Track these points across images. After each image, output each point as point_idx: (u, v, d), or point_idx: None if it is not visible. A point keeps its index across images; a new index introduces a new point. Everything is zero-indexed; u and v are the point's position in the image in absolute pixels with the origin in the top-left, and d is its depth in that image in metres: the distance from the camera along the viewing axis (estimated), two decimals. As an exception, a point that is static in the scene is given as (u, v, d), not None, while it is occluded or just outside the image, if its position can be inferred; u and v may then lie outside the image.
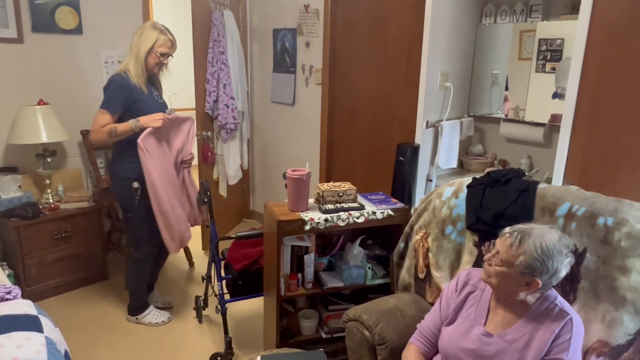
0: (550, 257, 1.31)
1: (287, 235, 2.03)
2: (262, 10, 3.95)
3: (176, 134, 2.57)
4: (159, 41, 2.39)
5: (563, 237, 1.37)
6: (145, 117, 2.34)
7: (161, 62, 2.45)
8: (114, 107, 2.35)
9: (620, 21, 1.89)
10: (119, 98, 2.35)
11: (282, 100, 3.95)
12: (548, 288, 1.39)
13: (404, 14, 2.98)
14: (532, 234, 1.34)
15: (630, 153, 1.92)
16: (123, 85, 2.36)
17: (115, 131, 2.34)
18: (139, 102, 2.39)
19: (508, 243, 1.36)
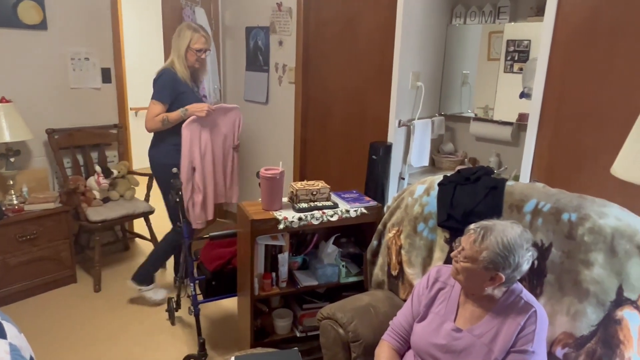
0: (512, 252, 1.35)
1: (261, 234, 2.02)
2: (234, 7, 3.91)
3: (223, 121, 2.80)
4: (194, 39, 2.66)
5: (524, 232, 1.41)
6: (192, 106, 2.62)
7: (199, 57, 2.70)
8: (164, 97, 2.63)
9: (583, 23, 1.96)
10: (168, 89, 2.63)
11: (255, 99, 3.92)
12: (512, 282, 1.43)
13: (375, 14, 3.00)
14: (494, 229, 1.38)
15: (593, 151, 2.00)
16: (171, 78, 2.64)
17: (167, 120, 2.62)
18: (182, 95, 2.66)
19: (472, 239, 1.40)
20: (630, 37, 1.85)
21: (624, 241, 1.43)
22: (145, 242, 3.70)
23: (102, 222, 3.08)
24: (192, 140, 2.64)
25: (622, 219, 1.47)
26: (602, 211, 1.50)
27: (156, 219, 3.54)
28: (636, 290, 1.41)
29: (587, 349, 1.46)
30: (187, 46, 2.66)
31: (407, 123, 2.78)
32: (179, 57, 2.67)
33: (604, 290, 1.45)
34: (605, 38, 1.91)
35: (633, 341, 1.40)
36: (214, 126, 2.74)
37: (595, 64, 1.95)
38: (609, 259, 1.45)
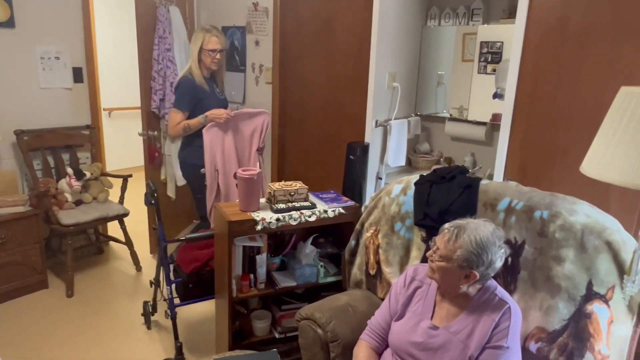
0: (485, 250, 1.38)
1: (239, 235, 2.01)
2: (209, 7, 3.87)
3: (247, 124, 2.82)
4: (206, 40, 2.67)
5: (497, 229, 1.45)
6: (211, 112, 2.66)
7: (214, 57, 2.69)
8: (184, 105, 2.70)
9: (553, 26, 2.01)
10: (186, 97, 2.68)
11: (232, 99, 3.87)
12: (487, 279, 1.46)
13: (352, 15, 3.02)
14: (467, 228, 1.41)
15: (563, 149, 2.05)
16: (188, 86, 2.68)
17: (189, 127, 2.71)
18: (202, 101, 2.69)
19: (446, 239, 1.42)
20: (597, 39, 1.91)
21: (593, 237, 1.48)
22: (119, 246, 3.62)
23: (74, 226, 3.00)
24: (213, 144, 2.68)
25: (591, 216, 1.52)
26: (572, 208, 1.55)
27: (131, 222, 3.47)
28: (605, 285, 1.45)
29: (559, 342, 1.50)
30: (199, 48, 2.66)
31: (384, 123, 2.81)
32: (194, 62, 2.68)
33: (574, 285, 1.49)
34: (573, 40, 1.97)
35: (602, 334, 1.45)
36: (237, 130, 2.76)
37: (564, 65, 2.01)
38: (579, 255, 1.49)
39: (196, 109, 2.71)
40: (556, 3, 1.99)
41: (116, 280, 3.28)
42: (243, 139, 2.79)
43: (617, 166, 1.05)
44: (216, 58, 2.69)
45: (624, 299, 1.44)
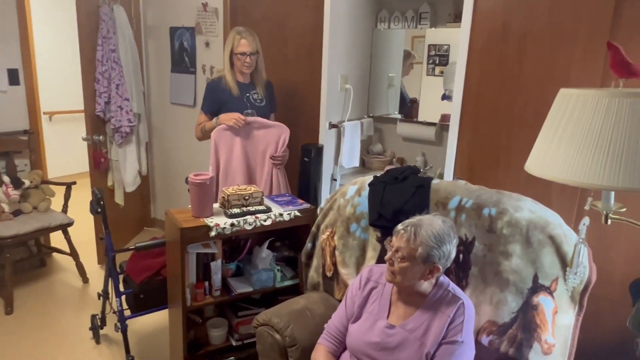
0: (444, 241, 1.43)
1: (192, 242, 1.95)
2: (156, 6, 3.75)
3: (262, 134, 2.59)
4: (235, 43, 2.54)
5: (445, 220, 1.50)
6: (223, 115, 2.53)
7: (244, 61, 2.54)
8: (204, 107, 2.64)
9: (496, 31, 2.10)
10: (207, 100, 2.63)
11: (182, 101, 3.78)
12: (444, 271, 1.50)
13: (303, 17, 3.02)
14: (423, 225, 1.44)
15: (507, 148, 2.14)
16: (211, 88, 2.62)
17: (204, 128, 2.61)
18: (225, 104, 2.58)
19: (405, 239, 1.44)
20: (536, 44, 2.01)
21: (537, 232, 1.55)
22: (64, 257, 3.43)
23: (12, 238, 2.81)
24: (218, 147, 2.54)
25: (535, 212, 1.59)
26: (518, 205, 1.61)
27: (76, 232, 3.29)
28: (549, 277, 1.53)
29: (509, 334, 1.56)
30: (230, 52, 2.55)
31: (338, 125, 2.82)
32: (225, 65, 2.59)
33: (521, 278, 1.55)
34: (515, 44, 2.06)
35: (548, 324, 1.52)
36: (250, 139, 2.57)
37: (507, 68, 2.10)
38: (525, 250, 1.56)
39: (220, 111, 2.58)
40: (498, 9, 2.08)
41: (61, 294, 3.11)
42: (255, 150, 2.59)
43: (557, 164, 1.10)
44: (246, 62, 2.54)
45: (567, 290, 1.51)
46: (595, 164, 1.04)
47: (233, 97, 2.57)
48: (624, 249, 1.93)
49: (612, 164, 1.02)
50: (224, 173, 2.55)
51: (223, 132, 2.52)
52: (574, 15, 1.91)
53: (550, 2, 1.95)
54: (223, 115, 2.53)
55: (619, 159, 1.01)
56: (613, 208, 1.13)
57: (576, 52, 1.92)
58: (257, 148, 2.58)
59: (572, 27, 1.92)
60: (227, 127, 2.50)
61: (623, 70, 1.10)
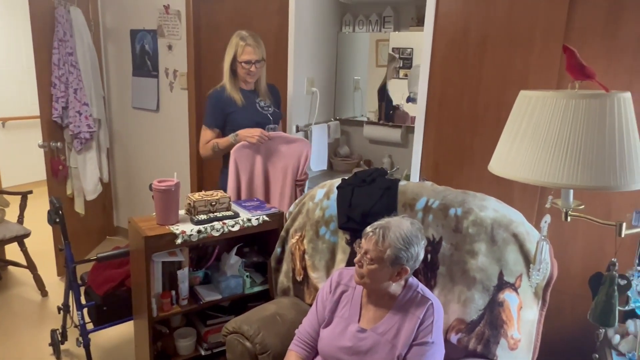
0: (411, 243, 1.44)
1: (157, 251, 1.89)
2: (115, 8, 3.64)
3: (284, 150, 2.39)
4: (239, 50, 2.30)
5: (414, 222, 1.51)
6: (243, 131, 2.29)
7: (249, 70, 2.32)
8: (211, 122, 2.37)
9: (457, 35, 2.15)
10: (213, 112, 2.36)
11: (144, 106, 3.68)
12: (412, 272, 1.51)
13: (267, 20, 3.00)
14: (391, 227, 1.46)
15: (470, 148, 2.19)
16: (215, 99, 2.36)
17: (217, 146, 2.34)
18: (232, 114, 2.34)
19: (373, 241, 1.45)
20: (495, 47, 2.07)
21: (501, 230, 1.59)
22: (21, 270, 3.27)
23: (-38, 252, 2.66)
24: (239, 167, 2.31)
25: (499, 211, 1.63)
26: (482, 204, 1.65)
27: (33, 243, 3.15)
28: (514, 274, 1.57)
29: (477, 332, 1.59)
30: (232, 58, 2.32)
31: (305, 128, 2.82)
32: (225, 72, 2.35)
33: (487, 276, 1.59)
34: (475, 48, 2.12)
35: (514, 320, 1.56)
36: (271, 155, 2.38)
37: (468, 70, 2.15)
38: (490, 248, 1.60)
39: (227, 124, 2.37)
40: (459, 14, 2.13)
41: (18, 309, 2.96)
42: (275, 168, 2.39)
43: (519, 164, 1.13)
44: (251, 71, 2.32)
45: (531, 286, 1.56)
46: (555, 164, 1.07)
47: (238, 106, 2.35)
48: (582, 244, 2.01)
49: (570, 163, 1.06)
50: (246, 194, 2.37)
51: (244, 150, 2.29)
52: (530, 20, 1.98)
53: (507, 7, 2.02)
54: (243, 132, 2.29)
55: (576, 158, 1.05)
56: (572, 206, 1.17)
57: (533, 55, 1.99)
58: (277, 165, 2.39)
59: (528, 32, 1.99)
60: (247, 144, 2.28)
61: (578, 72, 1.15)
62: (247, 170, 2.34)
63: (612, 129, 1.04)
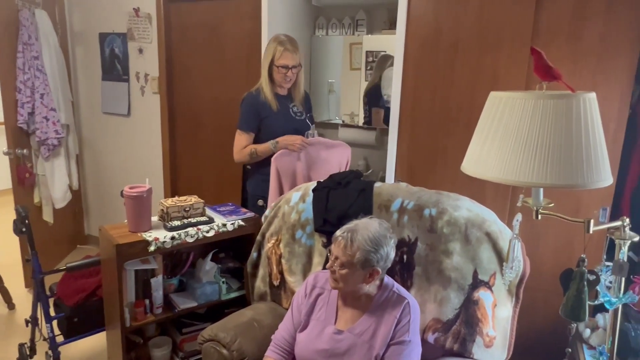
0: (380, 244, 1.44)
1: (129, 259, 1.85)
2: (83, 11, 3.55)
3: (324, 157, 2.34)
4: (277, 54, 2.25)
5: (382, 222, 1.52)
6: (284, 139, 2.26)
7: (285, 74, 2.27)
8: (245, 126, 2.32)
9: (429, 38, 2.18)
10: (247, 116, 2.32)
11: (115, 110, 3.60)
12: (384, 273, 1.52)
13: (239, 23, 2.98)
14: (359, 229, 1.46)
15: (443, 149, 2.22)
16: (249, 104, 2.32)
17: (255, 152, 2.30)
18: (266, 120, 2.31)
19: (342, 246, 1.45)
20: (466, 49, 2.11)
21: (475, 230, 1.61)
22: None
23: None
24: (281, 175, 2.26)
25: (472, 210, 1.66)
26: (456, 204, 1.67)
27: (-2, 254, 3.03)
28: (488, 273, 1.59)
29: (453, 330, 1.61)
30: (270, 62, 2.27)
31: (280, 132, 2.80)
32: (264, 77, 2.31)
33: (462, 275, 1.61)
34: (447, 50, 2.15)
35: (489, 318, 1.58)
36: (312, 161, 2.32)
37: (440, 72, 2.18)
38: (465, 247, 1.62)
39: (261, 129, 2.33)
40: (430, 17, 2.16)
41: (-18, 323, 2.84)
42: (319, 173, 2.31)
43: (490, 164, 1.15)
44: (287, 76, 2.28)
45: (504, 284, 1.59)
46: (525, 163, 1.09)
47: (273, 112, 2.31)
48: (552, 241, 2.06)
49: (539, 162, 1.08)
50: None
51: (284, 157, 2.25)
52: (499, 24, 2.02)
53: (477, 11, 2.06)
54: (283, 139, 2.26)
55: (545, 157, 1.08)
56: (542, 204, 1.20)
57: (502, 58, 2.04)
58: (320, 171, 2.32)
59: (497, 34, 2.03)
60: (287, 152, 2.25)
61: (546, 74, 1.17)
62: (289, 178, 2.30)
63: (579, 128, 1.07)
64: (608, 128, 1.83)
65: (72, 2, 3.57)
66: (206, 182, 3.34)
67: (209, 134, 3.26)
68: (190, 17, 3.15)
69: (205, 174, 3.35)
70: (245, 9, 2.92)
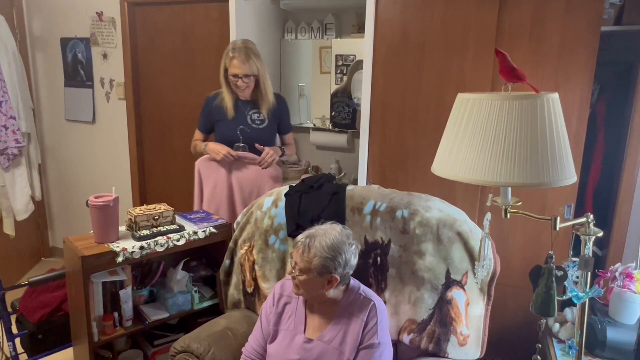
0: (338, 251, 1.43)
1: (96, 271, 1.78)
2: (43, 15, 3.43)
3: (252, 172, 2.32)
4: (227, 62, 2.24)
5: (344, 228, 1.51)
6: (212, 145, 2.31)
7: (237, 84, 2.25)
8: (199, 124, 2.43)
9: (397, 41, 2.20)
10: (201, 118, 2.42)
11: (79, 117, 3.49)
12: (347, 278, 1.51)
13: (207, 27, 2.94)
14: (317, 236, 1.45)
15: (413, 151, 2.25)
16: (204, 106, 2.40)
17: (195, 148, 2.41)
18: (217, 124, 2.36)
19: (300, 252, 1.44)
20: (432, 52, 2.14)
21: (446, 229, 1.63)
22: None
23: None
24: (201, 177, 2.31)
25: (443, 210, 1.67)
26: (428, 205, 1.69)
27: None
28: (460, 272, 1.61)
29: (428, 331, 1.62)
30: (224, 71, 2.25)
31: (250, 136, 2.77)
32: (222, 81, 2.29)
33: (435, 275, 1.62)
34: (414, 53, 2.17)
35: (462, 316, 1.60)
36: (238, 174, 2.31)
37: (408, 75, 2.20)
38: (437, 247, 1.63)
39: (215, 131, 2.37)
40: (397, 21, 2.18)
41: (-61, 345, 2.68)
42: (242, 189, 2.32)
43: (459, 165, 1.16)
44: (238, 84, 2.24)
45: (477, 283, 1.61)
46: (493, 163, 1.11)
47: (226, 117, 2.31)
48: (521, 239, 2.10)
49: (506, 162, 1.10)
50: (207, 206, 2.35)
51: (208, 162, 2.32)
52: (464, 26, 2.06)
53: (442, 14, 2.09)
54: (212, 145, 2.29)
55: (512, 157, 1.10)
56: (511, 203, 1.22)
57: (467, 59, 2.08)
58: (243, 186, 2.33)
59: (462, 37, 2.07)
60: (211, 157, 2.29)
61: (510, 75, 1.20)
62: (210, 182, 2.34)
63: (543, 128, 1.10)
64: (570, 127, 1.88)
65: (32, 6, 3.44)
66: (176, 190, 3.27)
67: (178, 139, 3.20)
68: (156, 21, 3.09)
69: (174, 181, 3.28)
70: (213, 13, 2.88)
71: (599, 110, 2.14)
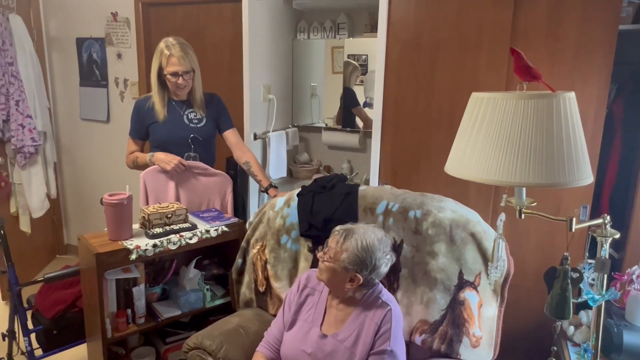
0: (369, 254, 1.43)
1: (110, 268, 1.80)
2: (60, 16, 3.48)
3: (203, 183, 2.24)
4: (163, 60, 2.11)
5: (385, 237, 1.52)
6: (160, 155, 2.15)
7: (176, 83, 2.12)
8: (132, 133, 2.27)
9: (410, 40, 2.19)
10: (133, 124, 2.26)
11: (94, 117, 3.53)
12: (371, 284, 1.50)
13: (220, 28, 2.96)
14: (356, 232, 1.45)
15: (426, 151, 2.23)
16: (135, 109, 2.25)
17: (137, 161, 2.24)
18: (151, 127, 2.22)
19: (336, 239, 1.46)
20: (446, 52, 2.12)
21: (459, 230, 1.61)
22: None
23: None
24: (147, 188, 2.16)
25: (456, 211, 1.66)
26: (440, 206, 1.68)
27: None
28: (473, 273, 1.60)
29: (440, 331, 1.61)
30: (157, 70, 2.12)
31: (262, 136, 2.78)
32: (154, 83, 2.16)
33: (448, 276, 1.61)
34: (427, 53, 2.16)
35: (475, 318, 1.59)
36: (187, 185, 2.21)
37: (421, 74, 2.19)
38: (450, 248, 1.62)
39: (150, 135, 2.24)
40: (411, 20, 2.17)
41: (-43, 339, 2.73)
42: (191, 198, 2.23)
43: (473, 165, 1.15)
44: (179, 83, 2.12)
45: (490, 284, 1.59)
46: (507, 163, 1.10)
47: (159, 119, 2.20)
48: (535, 240, 2.08)
49: (521, 162, 1.09)
50: None
51: (155, 174, 2.16)
52: (478, 25, 2.04)
53: (456, 13, 2.07)
54: (160, 155, 2.14)
55: (527, 157, 1.08)
56: (525, 203, 1.20)
57: (481, 59, 2.06)
58: (194, 196, 2.23)
59: (476, 36, 2.05)
60: (160, 168, 2.15)
61: (526, 74, 1.18)
62: (155, 195, 2.20)
63: (559, 127, 1.08)
64: (586, 127, 1.86)
65: (48, 6, 3.50)
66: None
67: (191, 139, 3.22)
68: (170, 21, 3.12)
69: (187, 179, 3.30)
70: (226, 14, 2.90)
71: (616, 110, 2.10)
